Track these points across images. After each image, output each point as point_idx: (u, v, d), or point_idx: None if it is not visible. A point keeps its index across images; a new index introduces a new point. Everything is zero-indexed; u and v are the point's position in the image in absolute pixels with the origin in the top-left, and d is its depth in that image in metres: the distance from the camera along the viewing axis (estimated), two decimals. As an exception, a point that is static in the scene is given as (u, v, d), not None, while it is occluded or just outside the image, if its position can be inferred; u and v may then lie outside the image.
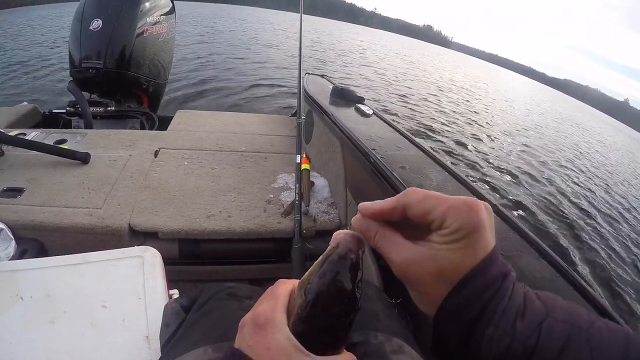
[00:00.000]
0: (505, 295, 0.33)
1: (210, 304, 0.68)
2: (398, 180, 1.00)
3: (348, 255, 0.38)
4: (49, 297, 0.90)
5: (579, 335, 0.32)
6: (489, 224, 0.34)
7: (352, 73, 11.27)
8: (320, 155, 1.78)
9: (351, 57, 15.57)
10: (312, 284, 0.37)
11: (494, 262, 0.34)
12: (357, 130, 1.37)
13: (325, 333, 0.37)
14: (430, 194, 0.35)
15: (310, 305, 0.37)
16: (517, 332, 0.32)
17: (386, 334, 0.60)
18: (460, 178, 1.08)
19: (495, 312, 0.33)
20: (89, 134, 1.93)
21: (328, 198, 1.59)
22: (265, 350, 0.34)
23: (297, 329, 0.36)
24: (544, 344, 0.31)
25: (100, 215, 1.33)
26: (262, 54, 11.38)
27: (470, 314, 0.33)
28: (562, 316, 0.33)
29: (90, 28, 2.41)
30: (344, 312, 0.36)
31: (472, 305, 0.33)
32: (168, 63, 3.05)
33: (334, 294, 0.36)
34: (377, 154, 1.16)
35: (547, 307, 0.33)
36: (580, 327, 0.32)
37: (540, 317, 0.33)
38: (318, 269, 0.39)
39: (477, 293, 0.33)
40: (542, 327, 0.32)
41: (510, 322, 0.32)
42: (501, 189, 5.13)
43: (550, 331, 0.32)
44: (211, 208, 1.46)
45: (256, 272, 1.48)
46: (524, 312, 0.33)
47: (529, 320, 0.32)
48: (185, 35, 12.02)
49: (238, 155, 1.89)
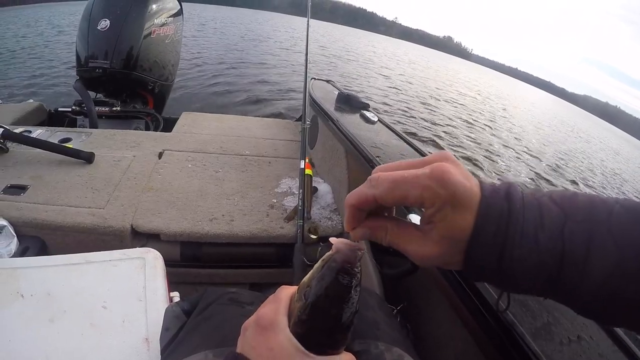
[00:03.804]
0: (519, 214, 0.33)
1: (212, 309, 0.68)
2: None
3: (346, 259, 0.39)
4: (50, 295, 0.90)
5: (600, 230, 0.32)
6: (462, 173, 0.34)
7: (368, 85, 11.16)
8: (324, 161, 1.78)
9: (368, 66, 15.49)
10: (312, 288, 0.39)
11: (492, 196, 0.34)
12: (362, 137, 1.36)
13: (325, 334, 0.38)
14: (397, 178, 0.35)
15: (309, 307, 0.38)
16: (541, 245, 0.32)
17: (387, 343, 0.59)
18: None
19: (515, 235, 0.33)
20: (94, 134, 1.94)
21: (331, 204, 1.58)
22: (268, 351, 0.36)
23: (297, 331, 0.38)
24: (569, 249, 0.32)
25: (103, 216, 1.33)
26: (270, 58, 11.40)
27: (493, 252, 0.34)
28: (581, 215, 0.33)
29: (98, 28, 2.42)
30: (342, 314, 0.38)
31: (491, 244, 0.33)
32: (174, 65, 3.06)
33: (332, 296, 0.38)
34: (381, 161, 1.15)
35: (565, 210, 0.33)
36: (599, 220, 0.32)
37: (559, 223, 0.33)
38: (317, 273, 0.40)
39: (490, 234, 0.33)
40: (564, 233, 0.32)
41: (532, 237, 0.33)
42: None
43: (572, 235, 0.32)
44: (214, 211, 1.46)
45: (257, 277, 1.47)
46: (542, 223, 0.33)
47: (549, 230, 0.33)
48: (193, 37, 12.07)
49: (242, 159, 1.89)
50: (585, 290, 0.32)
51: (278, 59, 11.54)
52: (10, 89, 5.27)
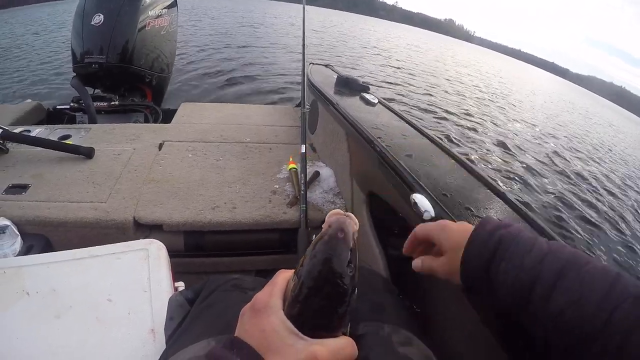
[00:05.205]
0: (513, 240, 0.46)
1: (214, 296, 0.68)
2: (404, 169, 0.97)
3: (339, 235, 0.38)
4: (55, 292, 0.90)
5: (573, 269, 0.40)
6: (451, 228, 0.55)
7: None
8: (325, 145, 1.76)
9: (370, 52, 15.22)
10: (304, 266, 0.38)
11: (483, 225, 0.50)
12: (362, 119, 1.34)
13: (319, 315, 0.37)
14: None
15: (301, 287, 0.37)
16: (524, 265, 0.43)
17: (393, 325, 0.58)
18: (467, 166, 1.05)
19: (506, 251, 0.45)
20: (93, 129, 1.93)
21: (334, 188, 1.56)
22: (260, 333, 0.36)
23: (291, 312, 0.37)
24: (544, 273, 0.41)
25: (105, 209, 1.32)
26: (268, 46, 11.26)
27: (483, 256, 0.47)
28: (564, 255, 0.42)
29: (92, 23, 2.40)
30: (337, 292, 0.37)
31: (481, 250, 0.47)
32: (171, 56, 3.04)
33: (325, 274, 0.37)
34: (382, 142, 1.13)
35: (552, 248, 0.43)
36: (577, 263, 0.41)
37: (544, 253, 0.43)
38: (310, 251, 0.39)
39: (480, 243, 0.48)
40: (544, 261, 0.42)
41: (519, 257, 0.44)
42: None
43: (550, 264, 0.41)
44: (216, 199, 1.45)
45: (262, 263, 1.47)
46: (531, 250, 0.44)
47: (534, 255, 0.43)
48: (189, 27, 11.93)
49: (242, 147, 1.88)
50: (548, 314, 0.40)
51: (277, 46, 11.39)
52: (6, 90, 5.26)
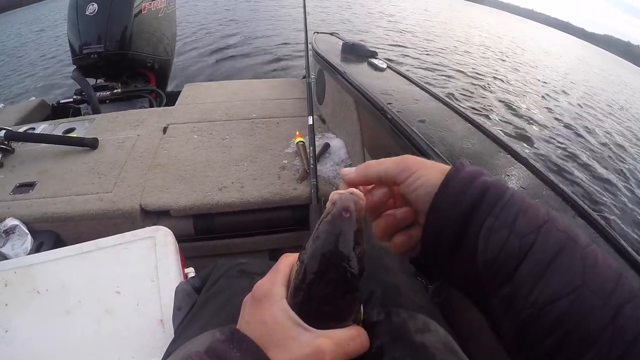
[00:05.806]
0: (504, 193, 0.33)
1: (221, 283, 0.65)
2: (418, 135, 0.91)
3: (344, 214, 0.33)
4: (64, 287, 0.90)
5: (575, 249, 0.30)
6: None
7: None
8: (334, 115, 1.69)
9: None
10: (307, 250, 0.34)
11: (463, 166, 0.35)
12: (371, 86, 1.26)
13: (325, 302, 0.33)
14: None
15: (304, 272, 0.33)
16: (517, 227, 0.31)
17: (410, 310, 0.52)
18: (483, 128, 0.98)
19: (495, 205, 0.32)
20: (97, 119, 1.90)
21: (345, 159, 1.50)
22: (261, 324, 0.32)
23: (295, 301, 0.33)
24: (539, 245, 0.30)
25: (111, 199, 1.30)
26: (272, 19, 10.97)
27: (461, 205, 0.33)
28: (562, 227, 0.32)
29: (87, 13, 2.34)
30: (343, 277, 0.32)
31: (459, 196, 0.33)
32: (171, 38, 2.96)
33: (329, 257, 0.32)
34: (393, 108, 1.06)
35: (550, 216, 0.32)
36: (577, 242, 0.31)
37: (541, 220, 0.32)
38: (314, 232, 0.34)
39: (459, 186, 0.34)
40: (540, 230, 0.31)
41: (511, 216, 0.32)
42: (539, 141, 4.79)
43: (547, 235, 0.31)
44: (223, 180, 1.41)
45: (276, 242, 1.43)
46: (527, 211, 0.32)
47: (529, 219, 0.32)
48: (190, 7, 11.70)
49: (249, 123, 1.82)
50: (532, 301, 0.29)
51: (279, 18, 11.11)
52: (8, 90, 5.30)
